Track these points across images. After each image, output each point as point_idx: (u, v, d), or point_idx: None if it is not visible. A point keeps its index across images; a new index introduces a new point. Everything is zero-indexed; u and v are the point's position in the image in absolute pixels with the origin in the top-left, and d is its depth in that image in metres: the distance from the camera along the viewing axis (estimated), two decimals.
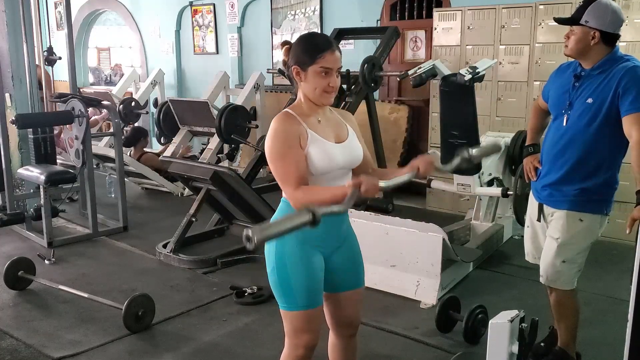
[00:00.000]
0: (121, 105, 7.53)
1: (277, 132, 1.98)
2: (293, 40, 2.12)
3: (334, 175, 2.04)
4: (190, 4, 8.56)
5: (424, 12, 6.38)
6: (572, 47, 2.56)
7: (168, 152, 6.72)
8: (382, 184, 1.84)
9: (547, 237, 2.71)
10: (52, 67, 6.14)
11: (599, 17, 2.48)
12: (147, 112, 8.10)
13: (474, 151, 1.98)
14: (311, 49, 1.99)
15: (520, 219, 4.13)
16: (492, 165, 4.64)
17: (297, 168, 1.95)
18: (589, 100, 2.53)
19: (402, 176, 1.94)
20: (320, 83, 1.98)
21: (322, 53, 1.97)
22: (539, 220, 2.78)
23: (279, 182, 2.02)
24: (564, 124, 2.60)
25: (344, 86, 5.30)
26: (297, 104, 2.08)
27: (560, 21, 2.63)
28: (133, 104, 7.72)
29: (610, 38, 2.52)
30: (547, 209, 2.72)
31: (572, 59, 2.65)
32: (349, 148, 2.08)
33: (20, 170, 5.02)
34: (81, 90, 8.98)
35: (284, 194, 2.08)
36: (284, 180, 1.98)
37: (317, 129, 2.03)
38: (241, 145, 7.01)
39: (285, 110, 2.07)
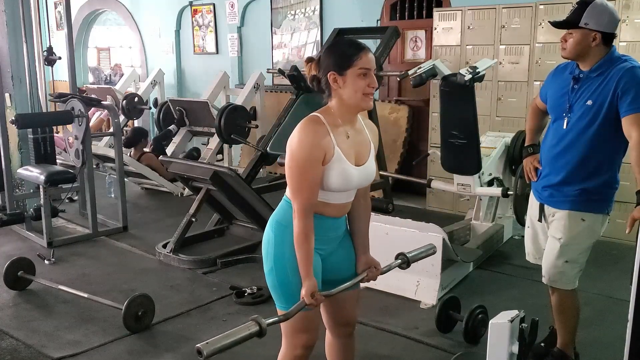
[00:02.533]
0: (124, 101, 7.55)
1: (304, 144, 1.95)
2: (305, 54, 2.13)
3: (343, 192, 2.07)
4: (190, 4, 8.56)
5: (424, 12, 6.38)
6: (571, 49, 2.55)
7: (167, 152, 6.73)
8: (324, 293, 2.01)
9: (549, 237, 2.71)
10: (52, 67, 6.14)
11: (598, 18, 2.48)
12: (150, 108, 8.11)
13: (410, 255, 2.27)
14: (347, 52, 1.99)
15: (520, 219, 4.13)
16: (492, 165, 4.63)
17: (311, 188, 1.97)
18: (589, 103, 2.53)
19: (347, 283, 2.11)
20: (361, 84, 1.98)
21: (358, 54, 1.98)
22: (539, 220, 2.78)
23: (289, 188, 2.04)
24: (564, 126, 2.60)
25: None
26: (329, 111, 2.04)
27: (558, 25, 2.60)
28: (136, 99, 7.75)
29: (608, 38, 2.52)
30: (548, 209, 2.72)
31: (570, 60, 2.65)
32: (366, 171, 2.09)
33: (20, 170, 5.01)
34: (85, 86, 9.02)
35: (288, 194, 2.08)
36: (295, 194, 1.99)
37: (344, 147, 2.01)
38: (241, 145, 7.01)
39: (316, 115, 2.03)
